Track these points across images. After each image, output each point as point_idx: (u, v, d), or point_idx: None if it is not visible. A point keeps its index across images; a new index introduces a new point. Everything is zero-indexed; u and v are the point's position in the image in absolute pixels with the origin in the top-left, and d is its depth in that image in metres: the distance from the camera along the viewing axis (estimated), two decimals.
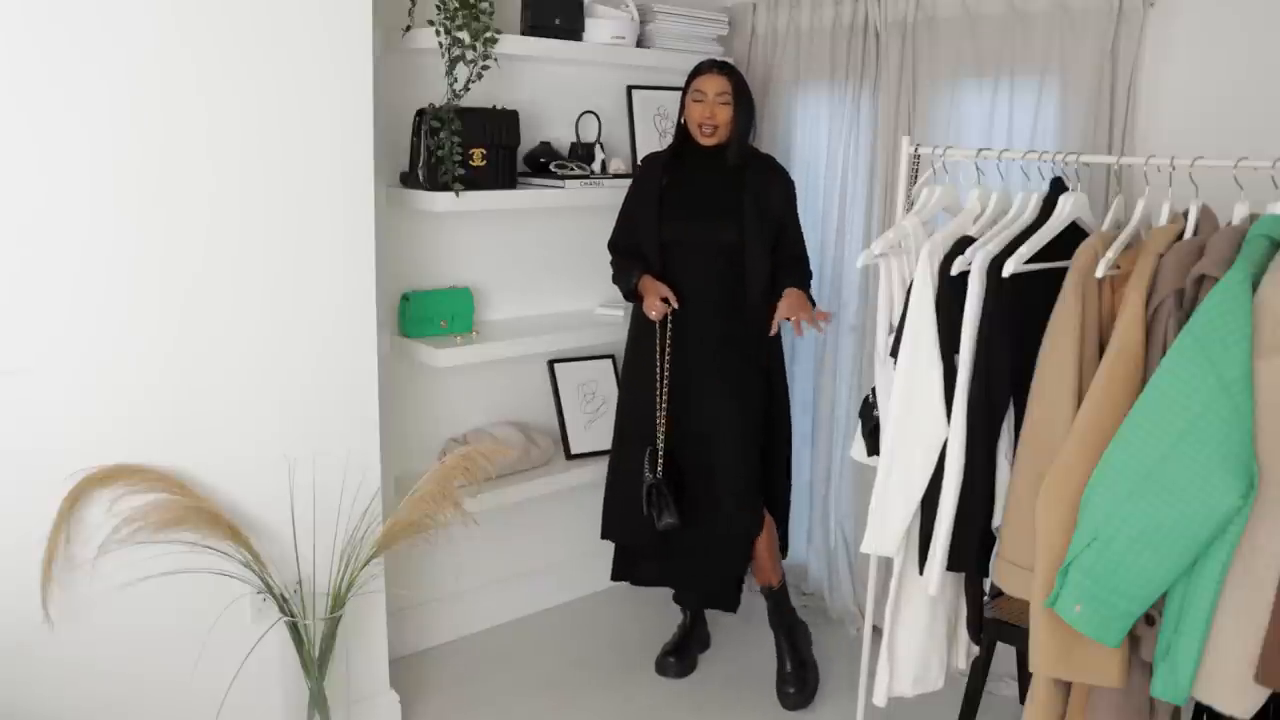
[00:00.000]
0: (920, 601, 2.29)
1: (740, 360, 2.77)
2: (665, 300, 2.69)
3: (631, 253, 2.84)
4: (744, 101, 2.74)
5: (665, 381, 2.76)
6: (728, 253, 2.74)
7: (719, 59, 2.83)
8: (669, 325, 2.74)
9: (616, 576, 3.00)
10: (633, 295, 2.79)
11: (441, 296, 2.94)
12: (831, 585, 3.37)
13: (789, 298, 2.62)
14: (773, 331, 2.67)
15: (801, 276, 2.76)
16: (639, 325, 2.86)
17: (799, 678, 2.90)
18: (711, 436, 2.77)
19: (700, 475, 2.78)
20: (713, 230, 2.75)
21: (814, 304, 2.71)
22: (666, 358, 2.75)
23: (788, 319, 2.58)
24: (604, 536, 2.98)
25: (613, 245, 2.92)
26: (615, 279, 2.90)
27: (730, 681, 3.00)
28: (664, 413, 2.76)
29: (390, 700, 2.70)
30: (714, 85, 2.71)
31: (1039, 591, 1.88)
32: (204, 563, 2.22)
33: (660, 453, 2.76)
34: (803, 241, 2.84)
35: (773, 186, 2.79)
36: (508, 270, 3.16)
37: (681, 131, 2.81)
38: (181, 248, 2.17)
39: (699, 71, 2.75)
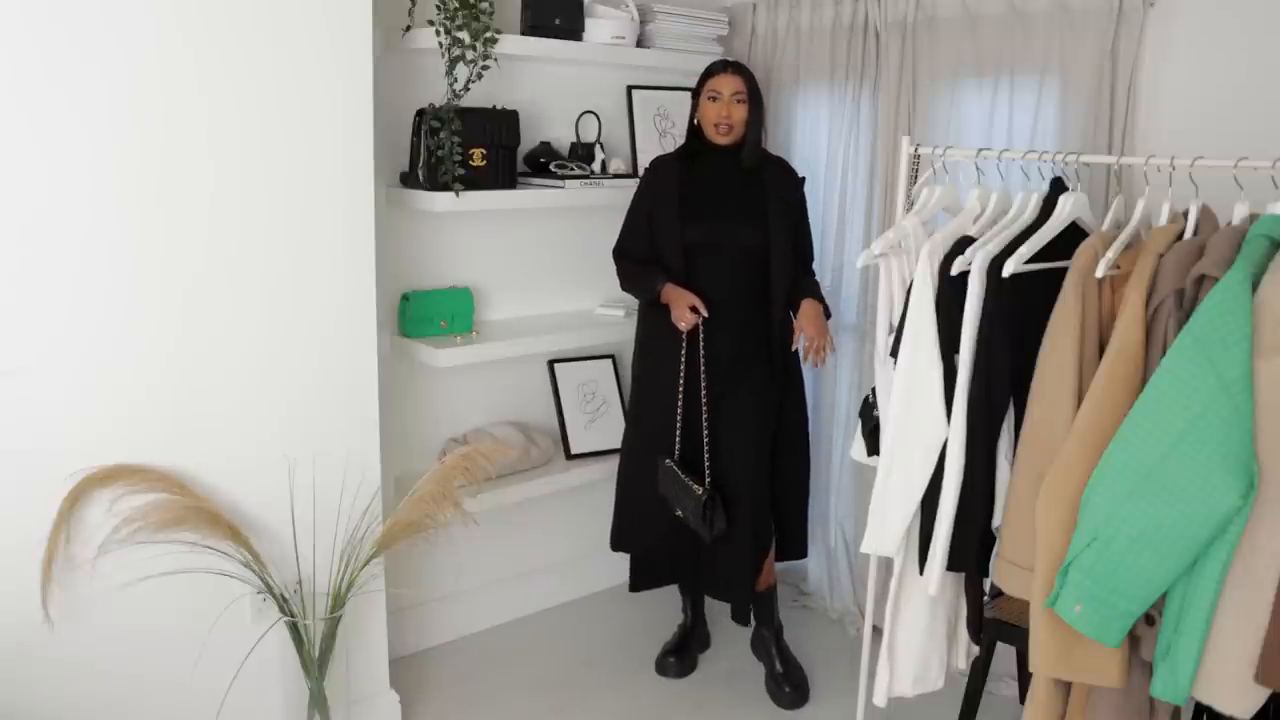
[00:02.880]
0: (920, 601, 2.29)
1: (760, 367, 2.75)
2: (694, 309, 2.63)
3: (645, 258, 2.81)
4: (757, 101, 2.74)
5: (703, 390, 2.70)
6: (751, 255, 2.72)
7: (730, 59, 2.82)
8: (699, 333, 2.68)
9: (637, 587, 2.96)
10: (655, 303, 2.74)
11: (441, 296, 2.94)
12: (831, 585, 3.37)
13: (811, 317, 2.65)
14: (795, 346, 2.67)
15: (816, 287, 2.78)
16: (652, 330, 2.81)
17: (791, 677, 2.90)
18: (730, 445, 2.73)
19: (719, 484, 2.74)
20: (737, 232, 2.71)
21: (828, 313, 2.73)
22: (701, 369, 2.69)
23: (804, 338, 2.62)
24: (616, 548, 2.95)
25: (620, 250, 2.88)
26: (628, 286, 2.86)
27: (730, 681, 3.00)
28: (706, 424, 2.70)
29: (390, 700, 2.70)
30: (730, 85, 2.70)
31: (1039, 591, 1.88)
32: (204, 563, 2.23)
33: (707, 464, 2.71)
34: (812, 246, 2.87)
35: (793, 189, 2.80)
36: (508, 270, 3.16)
37: (693, 133, 2.80)
38: (182, 248, 2.17)
39: (712, 72, 2.73)
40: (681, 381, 2.71)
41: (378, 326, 2.49)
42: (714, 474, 2.72)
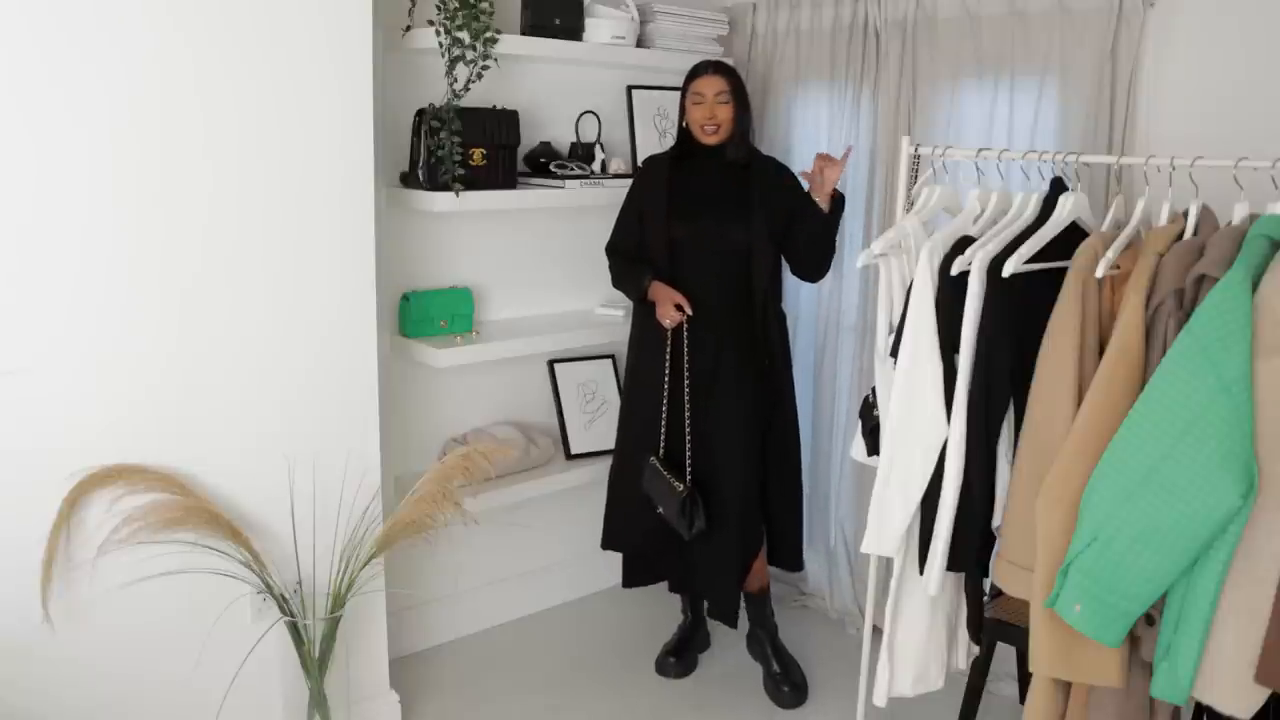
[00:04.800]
0: (920, 601, 2.29)
1: (747, 365, 2.75)
2: (679, 308, 2.65)
3: (635, 255, 2.82)
4: (742, 99, 2.74)
5: (686, 389, 2.71)
6: (737, 254, 2.73)
7: (713, 59, 2.83)
8: (683, 332, 2.71)
9: (629, 584, 2.97)
10: (643, 300, 2.76)
11: (441, 296, 2.94)
12: (831, 585, 3.37)
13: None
14: (810, 181, 2.69)
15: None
16: (643, 330, 2.82)
17: (790, 676, 2.91)
18: (715, 444, 2.74)
19: (704, 483, 2.74)
20: (722, 230, 2.72)
21: (837, 226, 2.74)
22: (685, 365, 2.70)
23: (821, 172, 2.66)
24: (606, 547, 2.95)
25: (612, 248, 2.90)
26: (618, 283, 2.88)
27: (730, 681, 3.00)
28: (689, 420, 2.72)
29: (390, 700, 2.70)
30: (712, 86, 2.71)
31: (1039, 591, 1.88)
32: (204, 563, 2.23)
33: (689, 462, 2.71)
34: None
35: (781, 183, 2.79)
36: (508, 270, 3.16)
37: (683, 134, 2.81)
38: (181, 248, 2.17)
39: (695, 74, 2.74)
40: (667, 380, 2.72)
41: (378, 326, 2.49)
42: (700, 473, 2.72)
